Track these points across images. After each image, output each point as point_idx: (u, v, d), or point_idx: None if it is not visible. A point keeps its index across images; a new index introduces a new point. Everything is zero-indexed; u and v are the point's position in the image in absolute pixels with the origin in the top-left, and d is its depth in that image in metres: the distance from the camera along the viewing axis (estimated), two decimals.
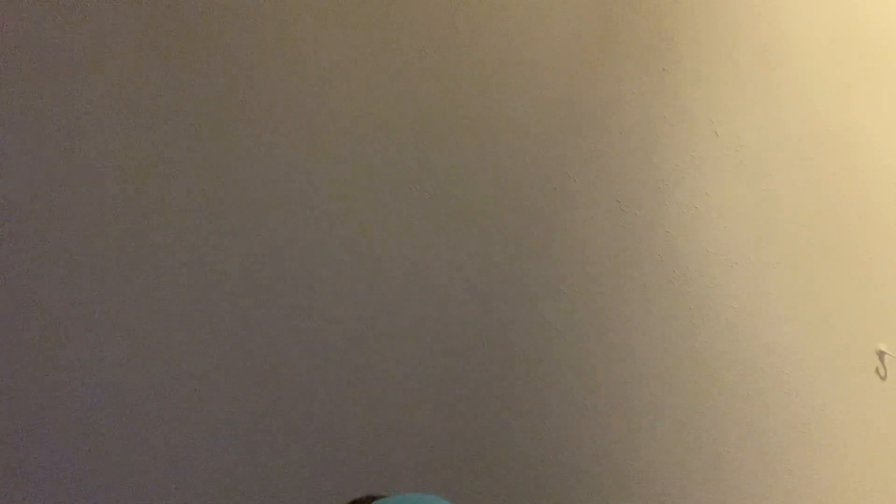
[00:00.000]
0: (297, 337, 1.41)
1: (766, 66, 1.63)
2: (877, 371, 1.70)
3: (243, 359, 1.39)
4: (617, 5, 1.55)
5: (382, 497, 0.87)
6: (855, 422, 1.68)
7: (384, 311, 1.45)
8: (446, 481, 1.47)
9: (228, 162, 1.38)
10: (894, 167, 1.71)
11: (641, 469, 1.58)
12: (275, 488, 1.40)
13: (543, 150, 1.52)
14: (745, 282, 1.63)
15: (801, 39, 1.65)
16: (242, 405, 1.39)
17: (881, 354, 1.69)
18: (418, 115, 1.46)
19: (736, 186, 1.62)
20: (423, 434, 1.47)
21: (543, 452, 1.54)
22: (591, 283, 1.55)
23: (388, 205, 1.45)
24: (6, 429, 1.30)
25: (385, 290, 1.45)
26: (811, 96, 1.66)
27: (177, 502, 1.36)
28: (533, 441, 1.53)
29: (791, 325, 1.65)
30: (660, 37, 1.57)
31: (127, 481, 1.34)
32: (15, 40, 1.28)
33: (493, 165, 1.49)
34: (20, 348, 1.30)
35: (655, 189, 1.58)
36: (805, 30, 1.65)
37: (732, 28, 1.61)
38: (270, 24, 1.38)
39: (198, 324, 1.37)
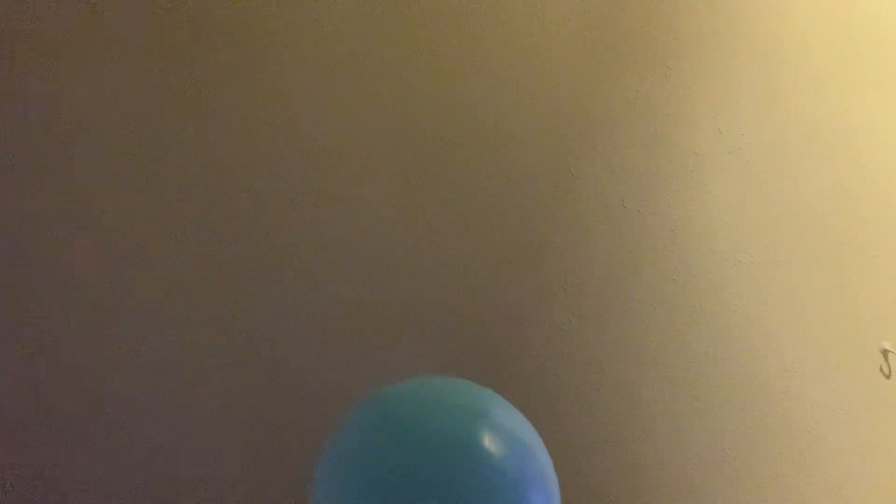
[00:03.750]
0: (295, 339, 1.41)
1: (769, 64, 1.63)
2: (881, 369, 1.69)
3: (245, 353, 1.39)
4: (620, 3, 1.55)
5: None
6: (858, 419, 1.68)
7: (386, 310, 1.45)
8: None
9: (230, 160, 1.38)
10: None
11: (644, 466, 1.58)
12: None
13: (547, 149, 1.52)
14: (749, 279, 1.62)
15: (804, 37, 1.64)
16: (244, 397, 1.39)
17: (885, 352, 1.69)
18: (423, 114, 1.45)
19: (739, 184, 1.62)
20: None
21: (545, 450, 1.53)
22: (595, 281, 1.55)
23: (390, 203, 1.45)
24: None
25: (387, 289, 1.45)
26: (814, 94, 1.66)
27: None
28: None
29: (795, 322, 1.65)
30: (663, 35, 1.57)
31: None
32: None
33: (496, 163, 1.49)
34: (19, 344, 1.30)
35: (659, 187, 1.58)
36: (808, 28, 1.65)
37: (736, 26, 1.61)
38: (282, 17, 1.38)
39: (203, 318, 1.37)
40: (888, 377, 1.69)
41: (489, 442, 0.73)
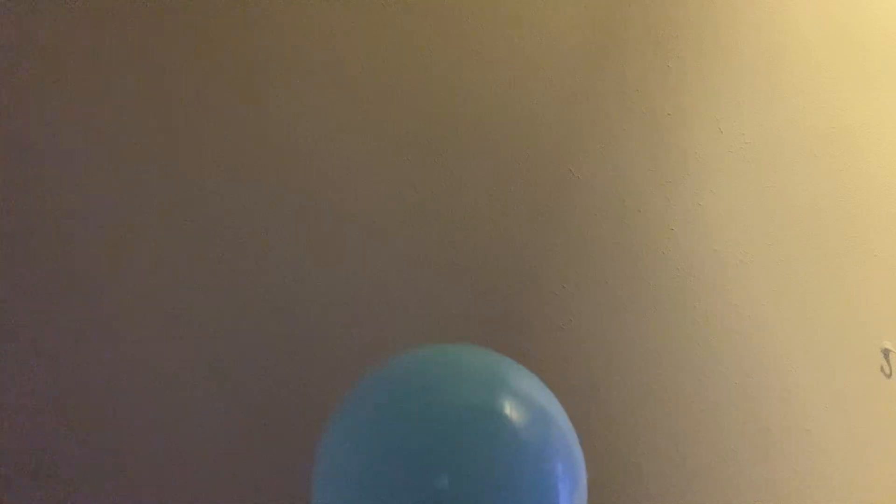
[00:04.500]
0: (293, 340, 1.41)
1: (770, 63, 1.63)
2: (881, 369, 1.69)
3: (248, 352, 1.39)
4: (621, 3, 1.54)
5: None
6: (859, 419, 1.68)
7: (385, 311, 1.45)
8: None
9: (231, 161, 1.38)
10: None
11: (643, 466, 1.58)
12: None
13: (547, 148, 1.52)
14: (750, 279, 1.62)
15: (805, 36, 1.64)
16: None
17: (886, 352, 1.69)
18: (422, 113, 1.45)
19: (740, 183, 1.62)
20: None
21: None
22: (595, 281, 1.55)
23: (390, 203, 1.45)
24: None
25: (387, 289, 1.45)
26: (815, 93, 1.66)
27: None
28: None
29: (796, 322, 1.65)
30: (664, 33, 1.57)
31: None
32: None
33: (496, 163, 1.49)
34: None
35: (659, 186, 1.58)
36: (809, 26, 1.64)
37: (736, 24, 1.61)
38: (280, 24, 1.38)
39: (202, 320, 1.37)
40: (888, 377, 1.69)
41: (509, 410, 0.66)
